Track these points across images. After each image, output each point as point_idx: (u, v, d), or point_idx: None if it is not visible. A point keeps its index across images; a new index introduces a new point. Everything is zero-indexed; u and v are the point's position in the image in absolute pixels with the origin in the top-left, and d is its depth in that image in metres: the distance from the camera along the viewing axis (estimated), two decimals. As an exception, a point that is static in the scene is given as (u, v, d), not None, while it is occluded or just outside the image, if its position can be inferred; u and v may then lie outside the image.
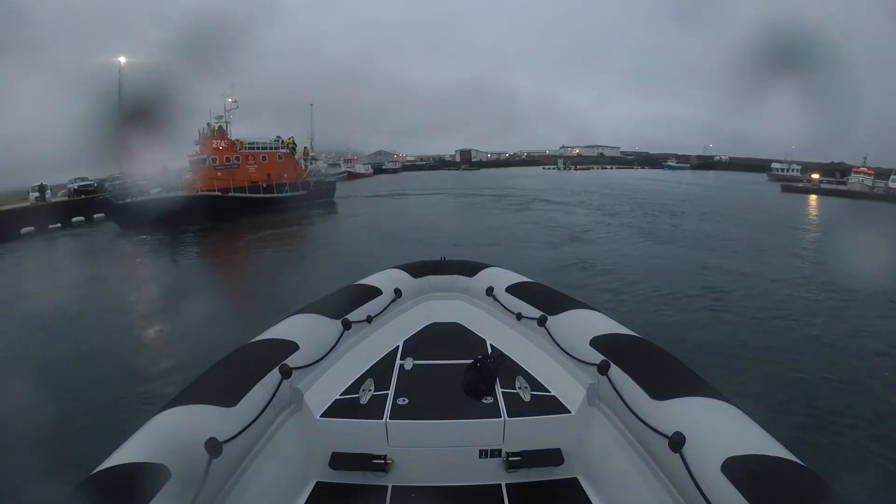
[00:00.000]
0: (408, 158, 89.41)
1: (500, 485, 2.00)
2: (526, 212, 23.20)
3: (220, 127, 27.64)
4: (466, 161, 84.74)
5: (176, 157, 25.52)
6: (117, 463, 1.38)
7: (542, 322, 2.56)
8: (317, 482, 2.01)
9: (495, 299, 3.00)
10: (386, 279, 3.18)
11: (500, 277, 3.19)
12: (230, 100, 27.84)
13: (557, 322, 2.51)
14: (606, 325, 2.37)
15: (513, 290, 2.97)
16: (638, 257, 12.35)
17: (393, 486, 1.97)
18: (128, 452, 1.43)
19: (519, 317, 2.76)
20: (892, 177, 35.57)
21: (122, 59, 24.38)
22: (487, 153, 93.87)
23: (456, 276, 3.37)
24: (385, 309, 2.91)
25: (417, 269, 3.40)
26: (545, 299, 2.77)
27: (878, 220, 23.50)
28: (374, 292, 2.96)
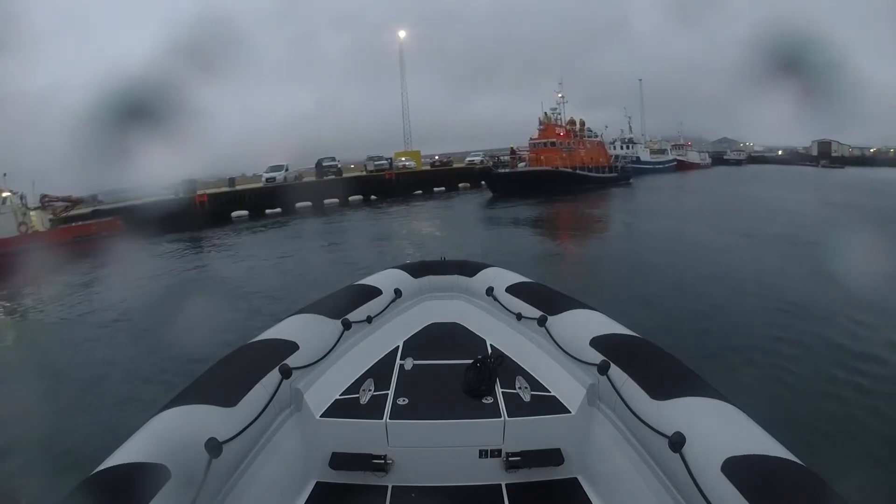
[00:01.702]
0: (755, 149, 75.00)
1: (500, 485, 2.00)
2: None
3: (552, 117, 35.34)
4: (826, 155, 65.24)
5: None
6: (117, 463, 1.38)
7: (542, 322, 2.57)
8: (317, 482, 2.01)
9: (495, 299, 3.01)
10: (386, 279, 3.19)
11: (500, 277, 3.19)
12: (559, 95, 36.53)
13: (557, 322, 2.51)
14: (606, 325, 2.37)
15: (513, 290, 2.98)
16: None
17: (393, 486, 1.97)
18: (128, 452, 1.42)
19: (519, 317, 2.77)
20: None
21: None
22: (850, 147, 69.35)
23: (456, 277, 3.38)
24: (385, 309, 2.92)
25: (417, 269, 3.41)
26: (545, 299, 2.77)
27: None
28: (374, 292, 2.96)
